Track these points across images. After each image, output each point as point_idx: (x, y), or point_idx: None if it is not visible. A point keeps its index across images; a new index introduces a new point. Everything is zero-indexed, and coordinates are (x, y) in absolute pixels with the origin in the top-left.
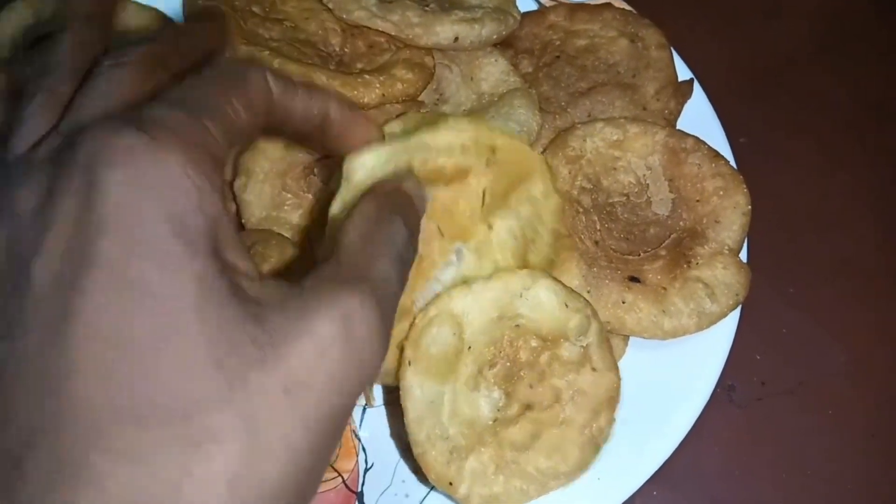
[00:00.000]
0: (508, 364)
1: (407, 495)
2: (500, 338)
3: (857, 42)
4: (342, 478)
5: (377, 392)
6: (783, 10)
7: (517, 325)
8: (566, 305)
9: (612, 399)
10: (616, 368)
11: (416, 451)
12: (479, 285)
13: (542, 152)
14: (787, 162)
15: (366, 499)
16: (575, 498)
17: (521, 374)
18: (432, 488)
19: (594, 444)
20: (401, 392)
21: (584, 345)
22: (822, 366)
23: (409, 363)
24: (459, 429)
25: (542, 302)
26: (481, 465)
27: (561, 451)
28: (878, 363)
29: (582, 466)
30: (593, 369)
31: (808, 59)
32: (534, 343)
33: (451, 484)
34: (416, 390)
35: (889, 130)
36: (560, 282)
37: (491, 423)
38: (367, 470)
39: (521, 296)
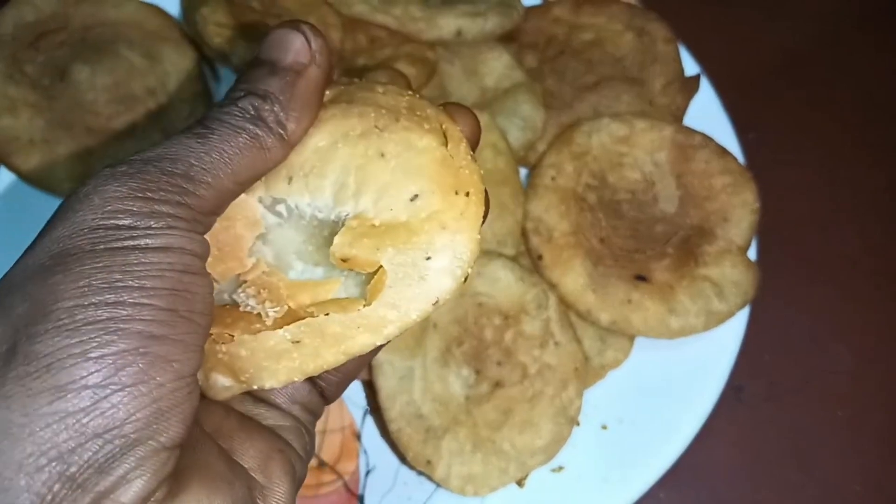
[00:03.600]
0: (475, 342)
1: (409, 498)
2: (465, 316)
3: (865, 39)
4: (343, 480)
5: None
6: (791, 5)
7: (479, 304)
8: (522, 280)
9: (578, 370)
10: (578, 341)
11: (392, 428)
12: None
13: (547, 149)
14: (797, 158)
15: (367, 502)
16: (582, 501)
17: (489, 351)
18: (434, 491)
19: (566, 416)
20: (372, 371)
21: (544, 318)
22: (829, 366)
23: None
24: (433, 406)
25: (499, 278)
26: (458, 444)
27: (534, 425)
28: (886, 362)
29: (558, 440)
30: (556, 343)
31: (815, 54)
32: (497, 321)
33: (429, 462)
34: (386, 367)
35: None
36: (514, 260)
37: (463, 401)
38: (368, 473)
39: (479, 274)
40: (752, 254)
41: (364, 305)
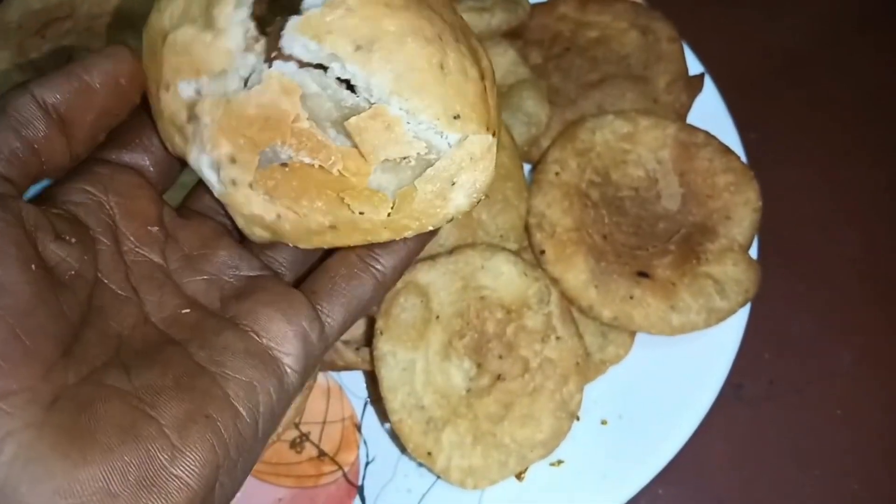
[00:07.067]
0: (477, 335)
1: (409, 490)
2: (467, 309)
3: (865, 39)
4: (343, 471)
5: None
6: (791, 6)
7: (482, 297)
8: (525, 274)
9: (579, 365)
10: (580, 336)
11: (393, 419)
12: (442, 258)
13: (551, 145)
14: (798, 158)
15: (367, 493)
16: (580, 496)
17: (490, 345)
18: (434, 482)
19: (567, 411)
20: (374, 362)
21: (546, 312)
22: (830, 365)
23: (381, 332)
24: (434, 398)
25: (502, 272)
26: (458, 437)
27: (534, 419)
28: (885, 363)
29: (558, 434)
30: (558, 338)
31: (816, 55)
32: (499, 315)
33: (429, 454)
34: (388, 358)
35: None
36: (517, 254)
37: (465, 393)
38: (367, 464)
39: (482, 267)
40: (753, 252)
41: (390, 214)
